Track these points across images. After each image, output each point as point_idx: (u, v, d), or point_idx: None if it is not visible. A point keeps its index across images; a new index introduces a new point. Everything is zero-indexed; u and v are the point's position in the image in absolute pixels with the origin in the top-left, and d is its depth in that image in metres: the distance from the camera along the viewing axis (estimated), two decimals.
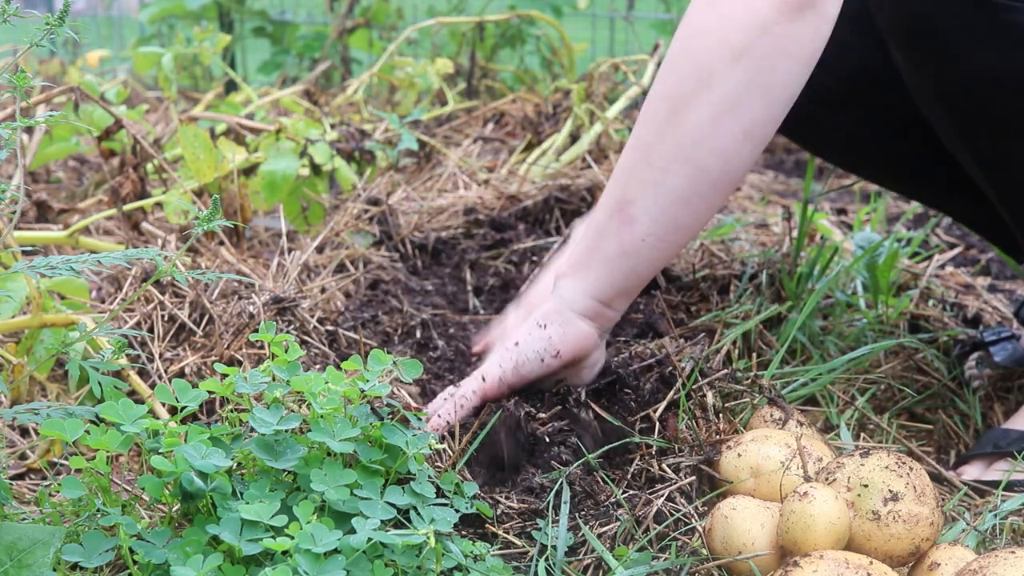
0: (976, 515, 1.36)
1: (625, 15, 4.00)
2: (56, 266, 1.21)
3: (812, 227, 2.23)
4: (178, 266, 1.24)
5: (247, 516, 1.12)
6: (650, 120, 1.36)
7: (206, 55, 2.96)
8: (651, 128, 1.36)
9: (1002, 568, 1.08)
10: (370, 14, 3.85)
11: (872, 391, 1.68)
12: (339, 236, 2.15)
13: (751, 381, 1.52)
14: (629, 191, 1.37)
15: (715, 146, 1.35)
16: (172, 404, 1.25)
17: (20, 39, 2.76)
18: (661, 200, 1.37)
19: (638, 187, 1.36)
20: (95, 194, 2.64)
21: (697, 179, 1.36)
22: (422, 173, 2.67)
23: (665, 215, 1.37)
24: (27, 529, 1.13)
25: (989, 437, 1.54)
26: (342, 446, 1.20)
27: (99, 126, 2.41)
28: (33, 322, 1.61)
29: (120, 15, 5.68)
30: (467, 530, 1.31)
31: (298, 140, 2.40)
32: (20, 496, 1.41)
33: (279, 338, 1.33)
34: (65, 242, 1.98)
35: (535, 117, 2.91)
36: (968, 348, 1.80)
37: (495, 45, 3.57)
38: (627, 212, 1.37)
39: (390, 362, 1.32)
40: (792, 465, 1.31)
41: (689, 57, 1.35)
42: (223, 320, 1.77)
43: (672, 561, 1.22)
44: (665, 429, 1.44)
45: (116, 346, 1.30)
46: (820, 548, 1.15)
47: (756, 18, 1.31)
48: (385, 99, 3.51)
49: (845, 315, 1.90)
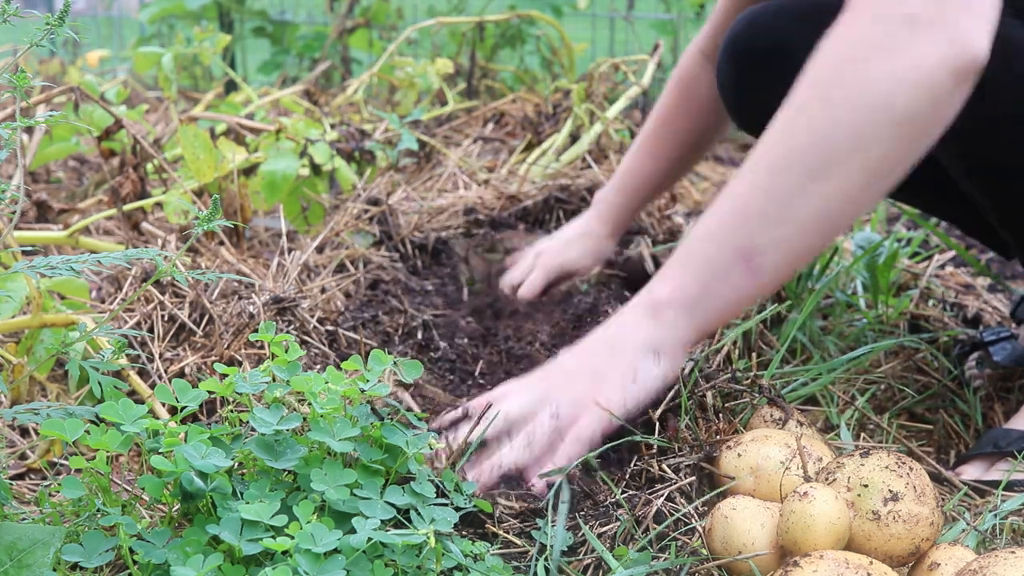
0: (976, 515, 1.36)
1: (625, 15, 4.00)
2: (56, 266, 1.21)
3: None
4: (178, 266, 1.24)
5: (247, 516, 1.12)
6: (787, 171, 1.26)
7: (206, 55, 2.96)
8: (789, 181, 1.25)
9: (1002, 568, 1.08)
10: (370, 14, 3.85)
11: (872, 391, 1.68)
12: (339, 236, 2.15)
13: (751, 381, 1.52)
14: (759, 241, 1.28)
15: (859, 209, 1.30)
16: (172, 404, 1.25)
17: (20, 39, 2.76)
18: (792, 258, 1.31)
19: (770, 241, 1.28)
20: (95, 194, 2.64)
21: (830, 237, 1.33)
22: (422, 173, 2.67)
23: (790, 269, 1.34)
24: (27, 529, 1.13)
25: (989, 437, 1.54)
26: (342, 446, 1.20)
27: (99, 126, 2.41)
28: (33, 322, 1.61)
29: (120, 15, 5.68)
30: (467, 530, 1.31)
31: (298, 140, 2.40)
32: (20, 496, 1.41)
33: (279, 338, 1.33)
34: (65, 242, 1.98)
35: (535, 117, 2.92)
36: (968, 348, 1.80)
37: (495, 45, 3.57)
38: (755, 262, 1.29)
39: (391, 362, 1.32)
40: (792, 465, 1.31)
41: (845, 114, 1.23)
42: (223, 320, 1.77)
43: (672, 561, 1.22)
44: (665, 429, 1.44)
45: (116, 346, 1.30)
46: (820, 548, 1.15)
47: (930, 86, 1.22)
48: (385, 99, 3.51)
49: (845, 315, 1.90)
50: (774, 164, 1.27)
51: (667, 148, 2.03)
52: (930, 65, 1.21)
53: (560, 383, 1.33)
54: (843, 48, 1.24)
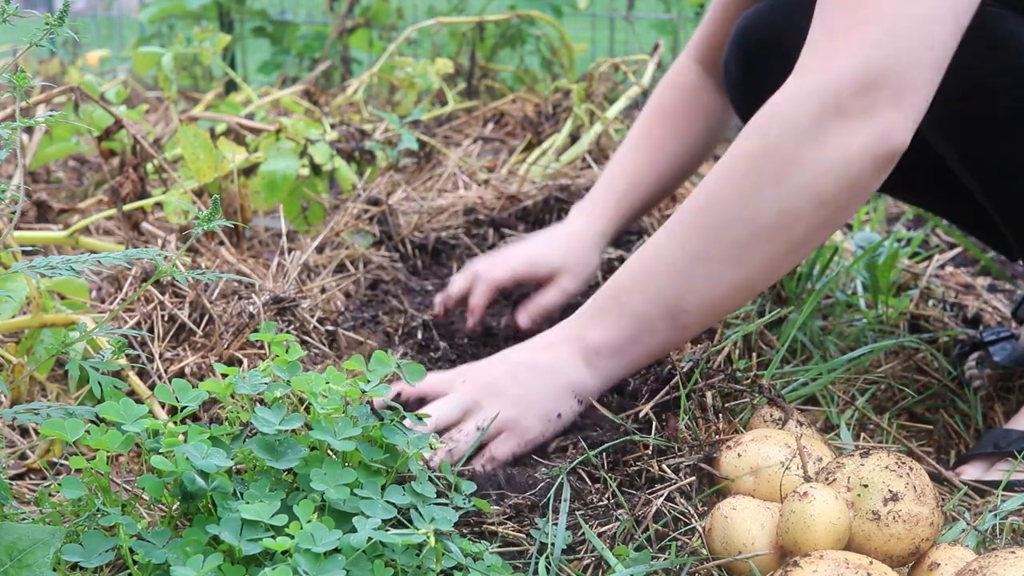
0: (976, 515, 1.36)
1: (625, 15, 4.00)
2: (56, 266, 1.21)
3: None
4: (178, 266, 1.24)
5: (247, 516, 1.12)
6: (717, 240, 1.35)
7: (206, 55, 2.96)
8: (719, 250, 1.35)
9: (1002, 568, 1.08)
10: (370, 14, 3.85)
11: (872, 391, 1.68)
12: (339, 236, 2.15)
13: (751, 381, 1.53)
14: (685, 302, 1.38)
15: (779, 274, 1.40)
16: (172, 404, 1.25)
17: (20, 39, 2.77)
18: (714, 317, 1.43)
19: (695, 300, 1.38)
20: (95, 194, 2.64)
21: (753, 295, 1.45)
22: (422, 173, 2.67)
23: (711, 323, 1.45)
24: (27, 529, 1.13)
25: (989, 437, 1.54)
26: (343, 445, 1.20)
27: (99, 126, 2.41)
28: (33, 322, 1.61)
29: (120, 15, 5.68)
30: (466, 529, 1.31)
31: (298, 140, 2.40)
32: (20, 496, 1.41)
33: (279, 338, 1.33)
34: (65, 242, 1.98)
35: (535, 117, 2.92)
36: (968, 348, 1.80)
37: (495, 45, 3.57)
38: (681, 320, 1.40)
39: (393, 365, 1.32)
40: (792, 465, 1.31)
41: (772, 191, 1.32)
42: (223, 320, 1.77)
43: (672, 561, 1.22)
44: (665, 429, 1.44)
45: (116, 346, 1.30)
46: (820, 548, 1.15)
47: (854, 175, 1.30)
48: (385, 99, 3.51)
49: (845, 315, 1.90)
50: (705, 228, 1.35)
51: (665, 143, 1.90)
52: (855, 155, 1.28)
53: (490, 399, 1.40)
54: (777, 125, 1.32)
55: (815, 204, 1.31)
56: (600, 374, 1.44)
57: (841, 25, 1.30)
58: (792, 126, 1.30)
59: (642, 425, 1.48)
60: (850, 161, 1.29)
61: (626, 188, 1.88)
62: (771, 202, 1.32)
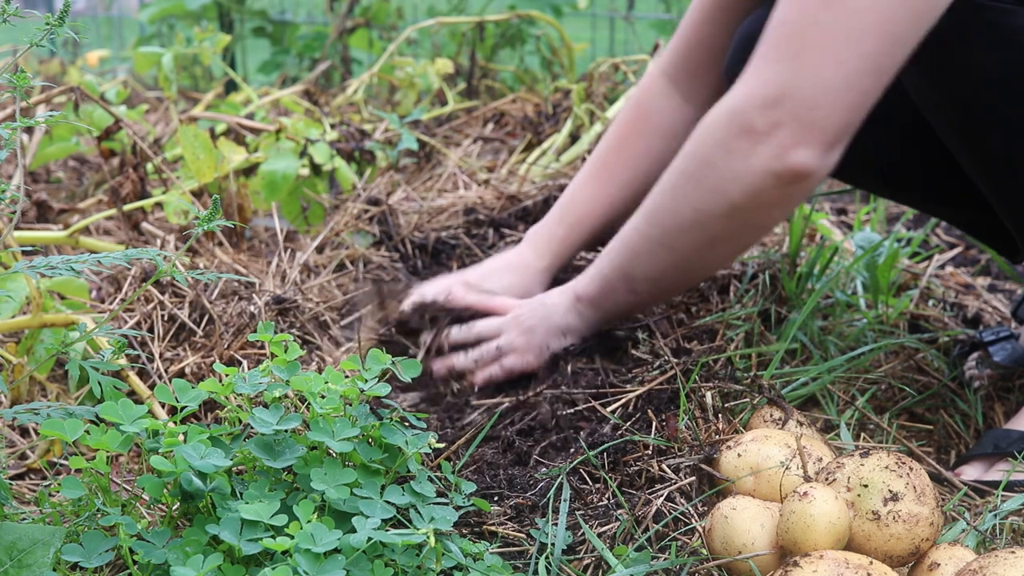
0: (976, 515, 1.36)
1: (625, 15, 4.00)
2: (56, 266, 1.21)
3: (812, 227, 2.23)
4: (178, 266, 1.24)
5: (247, 516, 1.12)
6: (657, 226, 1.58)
7: (206, 55, 2.96)
8: (657, 234, 1.58)
9: (1002, 568, 1.08)
10: (370, 14, 3.85)
11: (872, 391, 1.68)
12: (339, 236, 2.15)
13: (751, 381, 1.53)
14: (635, 271, 1.62)
15: (706, 264, 1.63)
16: (172, 404, 1.25)
17: (20, 39, 2.77)
18: (662, 288, 1.68)
19: (642, 272, 1.62)
20: (95, 194, 2.64)
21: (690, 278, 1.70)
22: (422, 173, 2.67)
23: (661, 294, 1.73)
24: (27, 529, 1.13)
25: (989, 437, 1.54)
26: (342, 445, 1.20)
27: (99, 126, 2.41)
28: (33, 322, 1.61)
29: (120, 15, 5.69)
30: (466, 529, 1.31)
31: (298, 140, 2.40)
32: (20, 496, 1.41)
33: (279, 338, 1.33)
34: (65, 242, 1.98)
35: (535, 117, 2.92)
36: (968, 348, 1.80)
37: (495, 45, 3.57)
38: (632, 287, 1.64)
39: (389, 362, 1.32)
40: (792, 465, 1.31)
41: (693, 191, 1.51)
42: (223, 320, 1.77)
43: (672, 561, 1.22)
44: (665, 429, 1.44)
45: (116, 346, 1.30)
46: (820, 548, 1.15)
47: (757, 187, 1.44)
48: (385, 99, 3.51)
49: (845, 315, 1.90)
50: (649, 214, 1.59)
51: (617, 173, 1.90)
52: (757, 169, 1.43)
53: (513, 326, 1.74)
54: (703, 133, 1.50)
55: (725, 208, 1.48)
56: (584, 321, 1.71)
57: (765, 50, 1.43)
58: (711, 136, 1.48)
59: (641, 425, 1.48)
60: (753, 174, 1.44)
61: (573, 222, 1.92)
62: (691, 200, 1.52)
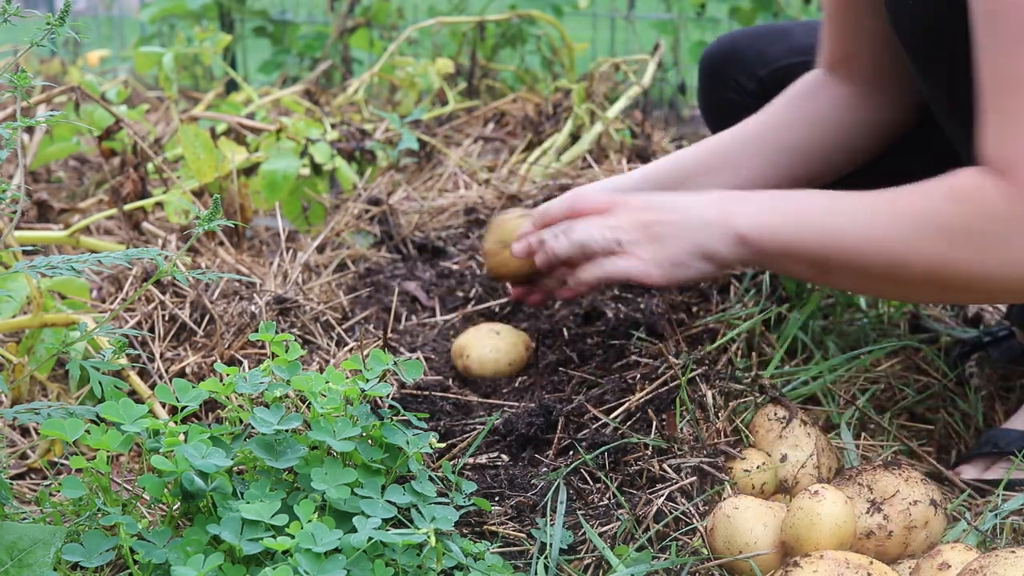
0: (977, 515, 1.36)
1: (626, 15, 4.00)
2: (57, 266, 1.21)
3: None
4: (179, 266, 1.24)
5: (248, 515, 1.12)
6: (882, 252, 1.38)
7: (207, 55, 2.96)
8: (879, 258, 1.38)
9: (1002, 568, 1.08)
10: (371, 14, 3.85)
11: (873, 391, 1.68)
12: (340, 236, 2.16)
13: (752, 380, 1.53)
14: (833, 265, 1.42)
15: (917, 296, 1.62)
16: (172, 404, 1.25)
17: (21, 39, 2.76)
18: (847, 288, 1.65)
19: (841, 271, 1.44)
20: (96, 194, 2.64)
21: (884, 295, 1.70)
22: (423, 173, 2.67)
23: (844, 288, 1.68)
24: (28, 529, 1.13)
25: (989, 437, 1.54)
26: (343, 445, 1.20)
27: (100, 126, 2.41)
28: (34, 322, 1.61)
29: (121, 15, 5.69)
30: (467, 529, 1.31)
31: (299, 140, 2.40)
32: (21, 496, 1.41)
33: (279, 337, 1.33)
34: (66, 242, 1.98)
35: (536, 117, 2.91)
36: (968, 348, 1.80)
37: (496, 45, 3.57)
38: (823, 277, 1.52)
39: (390, 362, 1.32)
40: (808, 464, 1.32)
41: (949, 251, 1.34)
42: (224, 320, 1.77)
43: (672, 560, 1.22)
44: (665, 429, 1.44)
45: (116, 346, 1.30)
46: (822, 548, 1.15)
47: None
48: (386, 99, 3.51)
49: (846, 315, 1.90)
50: (878, 244, 1.38)
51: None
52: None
53: (632, 226, 1.49)
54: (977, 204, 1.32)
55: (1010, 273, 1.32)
56: (732, 254, 1.46)
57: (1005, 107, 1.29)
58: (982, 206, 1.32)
59: (641, 425, 1.48)
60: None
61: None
62: (952, 254, 1.34)
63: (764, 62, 1.85)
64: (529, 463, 1.46)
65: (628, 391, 1.55)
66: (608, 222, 1.50)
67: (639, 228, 1.49)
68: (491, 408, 1.61)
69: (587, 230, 1.50)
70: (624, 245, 1.48)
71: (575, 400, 1.55)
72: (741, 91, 1.87)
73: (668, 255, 1.47)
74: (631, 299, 1.92)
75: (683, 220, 1.47)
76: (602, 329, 1.81)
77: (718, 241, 1.45)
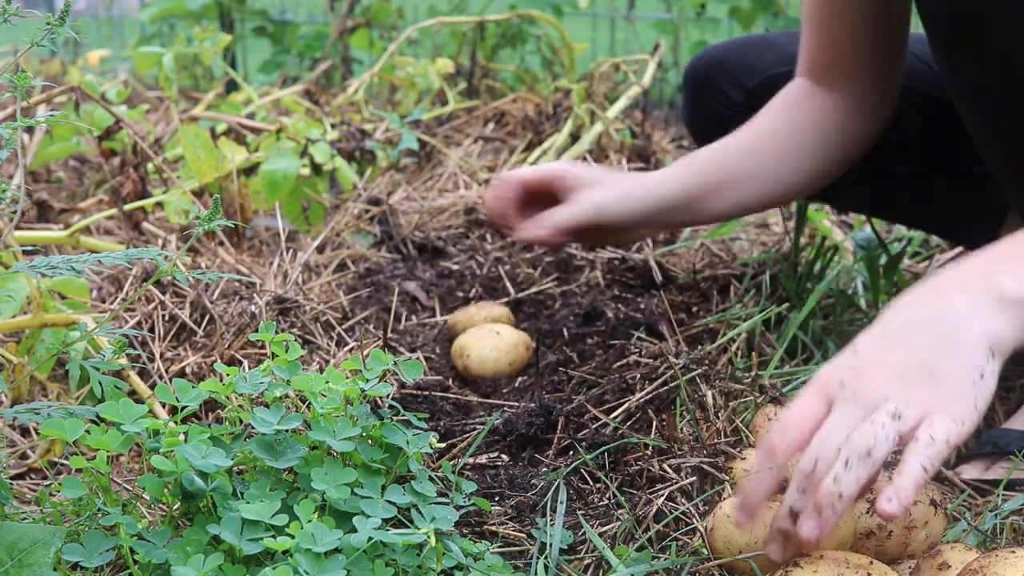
0: (977, 515, 1.36)
1: (626, 15, 4.00)
2: (57, 266, 1.21)
3: (812, 227, 2.23)
4: (179, 266, 1.24)
5: (248, 515, 1.12)
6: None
7: (207, 55, 2.96)
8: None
9: (1002, 568, 1.08)
10: (371, 14, 3.85)
11: None
12: (340, 236, 2.16)
13: (752, 380, 1.53)
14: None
15: None
16: (172, 404, 1.25)
17: (21, 39, 2.76)
18: None
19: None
20: (96, 194, 2.64)
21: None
22: (423, 173, 2.67)
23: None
24: (28, 529, 1.13)
25: (989, 437, 1.54)
26: (343, 445, 1.20)
27: (100, 126, 2.41)
28: (34, 322, 1.61)
29: (121, 15, 5.69)
30: (467, 529, 1.31)
31: (299, 140, 2.40)
32: (21, 496, 1.41)
33: (279, 337, 1.33)
34: (66, 242, 1.98)
35: (536, 117, 2.92)
36: None
37: (496, 45, 3.57)
38: None
39: (391, 362, 1.32)
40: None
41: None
42: (224, 320, 1.77)
43: (672, 560, 1.22)
44: (665, 429, 1.45)
45: (116, 346, 1.30)
46: (822, 547, 1.15)
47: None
48: (386, 99, 3.51)
49: (846, 315, 1.90)
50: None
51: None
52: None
53: (888, 383, 1.07)
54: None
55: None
56: (1017, 328, 1.10)
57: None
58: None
59: (641, 425, 1.48)
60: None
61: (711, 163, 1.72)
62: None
63: (752, 72, 1.86)
64: (529, 463, 1.46)
65: (628, 391, 1.55)
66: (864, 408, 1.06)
67: (898, 381, 1.07)
68: (491, 408, 1.61)
69: (862, 442, 1.04)
70: (907, 420, 1.05)
71: (575, 400, 1.56)
72: (728, 103, 1.87)
73: (957, 390, 1.06)
74: (631, 299, 1.92)
75: (935, 325, 1.11)
76: (602, 329, 1.81)
77: (989, 316, 1.10)
